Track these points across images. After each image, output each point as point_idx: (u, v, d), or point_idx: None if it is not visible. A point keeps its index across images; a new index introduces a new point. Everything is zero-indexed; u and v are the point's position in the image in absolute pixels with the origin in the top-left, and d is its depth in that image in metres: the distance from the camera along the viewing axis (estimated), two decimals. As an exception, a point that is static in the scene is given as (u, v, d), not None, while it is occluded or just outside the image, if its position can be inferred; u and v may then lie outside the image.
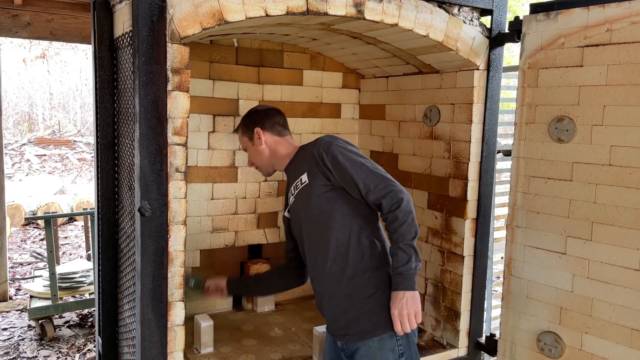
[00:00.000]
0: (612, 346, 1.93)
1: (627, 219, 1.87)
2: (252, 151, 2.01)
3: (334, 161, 1.75)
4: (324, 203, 1.77)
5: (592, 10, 1.94)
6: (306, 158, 1.85)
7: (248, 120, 2.03)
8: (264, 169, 2.04)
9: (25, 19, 3.73)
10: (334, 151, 1.76)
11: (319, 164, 1.77)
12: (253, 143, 2.00)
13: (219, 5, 1.78)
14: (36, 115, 17.25)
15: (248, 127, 2.01)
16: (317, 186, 1.78)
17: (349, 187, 1.75)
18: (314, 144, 1.85)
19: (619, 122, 1.88)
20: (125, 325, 2.16)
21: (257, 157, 2.01)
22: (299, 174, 1.87)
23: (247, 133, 2.01)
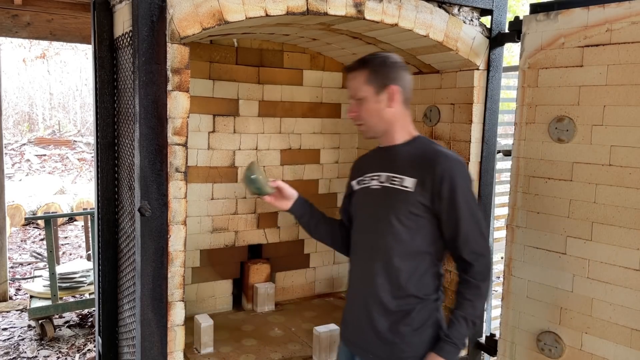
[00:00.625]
0: (612, 346, 1.93)
1: (627, 219, 1.87)
2: (370, 107, 1.61)
3: (451, 196, 1.53)
4: (412, 220, 1.57)
5: (592, 10, 1.94)
6: (417, 161, 1.59)
7: (386, 70, 1.61)
8: (369, 131, 1.67)
9: (25, 19, 3.73)
10: (456, 186, 1.53)
11: (434, 185, 1.54)
12: (378, 99, 1.60)
13: (219, 5, 1.78)
14: (36, 115, 17.25)
15: (383, 77, 1.60)
16: (417, 202, 1.56)
17: (446, 226, 1.57)
18: (436, 155, 1.58)
19: (619, 122, 1.88)
20: (125, 325, 2.16)
21: (371, 116, 1.62)
22: (401, 171, 1.60)
23: (375, 83, 1.59)
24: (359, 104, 1.62)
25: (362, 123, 1.65)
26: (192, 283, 2.84)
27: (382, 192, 1.63)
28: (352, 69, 1.64)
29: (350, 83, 1.64)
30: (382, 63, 1.62)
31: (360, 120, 1.65)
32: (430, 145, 1.65)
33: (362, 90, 1.61)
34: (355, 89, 1.62)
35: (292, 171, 3.07)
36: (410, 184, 1.57)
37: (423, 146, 1.65)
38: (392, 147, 1.67)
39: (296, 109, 3.03)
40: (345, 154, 3.24)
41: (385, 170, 1.65)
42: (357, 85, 1.61)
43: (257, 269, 2.98)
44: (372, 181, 1.68)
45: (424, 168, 1.56)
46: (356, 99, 1.63)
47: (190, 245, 2.73)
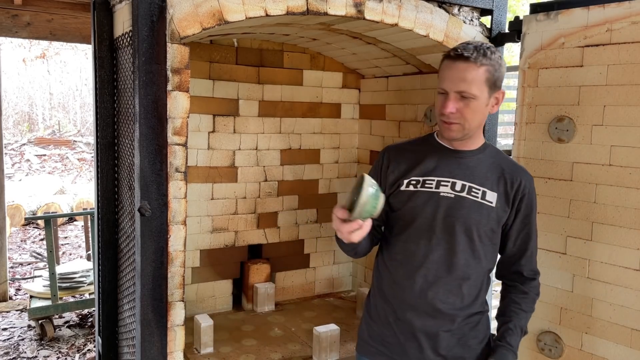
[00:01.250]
0: (612, 346, 1.93)
1: (627, 219, 1.87)
2: (480, 108, 1.44)
3: (528, 214, 1.51)
4: (490, 237, 1.50)
5: (592, 10, 1.94)
6: (498, 173, 1.50)
7: (502, 70, 1.46)
8: (461, 132, 1.46)
9: (25, 19, 3.73)
10: (533, 204, 1.52)
11: (515, 197, 1.49)
12: (487, 101, 1.45)
13: (219, 5, 1.78)
14: (36, 115, 17.25)
15: (499, 79, 1.46)
16: (497, 219, 1.48)
17: (514, 242, 1.54)
18: (517, 169, 1.54)
19: (619, 122, 1.88)
20: (125, 325, 2.16)
21: (475, 118, 1.45)
22: (480, 182, 1.48)
23: (491, 83, 1.44)
24: (465, 100, 1.41)
25: (460, 122, 1.43)
26: (192, 283, 2.84)
27: (458, 202, 1.46)
28: (468, 60, 1.40)
29: (459, 74, 1.40)
30: (500, 61, 1.45)
31: (460, 119, 1.43)
32: (506, 156, 1.56)
33: (477, 88, 1.41)
34: (469, 85, 1.40)
35: (292, 171, 3.07)
36: (493, 198, 1.47)
37: (499, 156, 1.55)
38: (467, 153, 1.52)
39: (296, 109, 3.03)
40: (345, 154, 3.24)
41: (461, 177, 1.49)
42: (473, 81, 1.40)
43: (257, 269, 2.98)
44: (441, 187, 1.48)
45: (505, 182, 1.49)
46: (463, 95, 1.41)
47: (190, 245, 2.73)
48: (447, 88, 1.42)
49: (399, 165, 1.56)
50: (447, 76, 1.43)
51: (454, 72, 1.41)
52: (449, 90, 1.42)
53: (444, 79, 1.44)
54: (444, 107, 1.43)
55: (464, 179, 1.49)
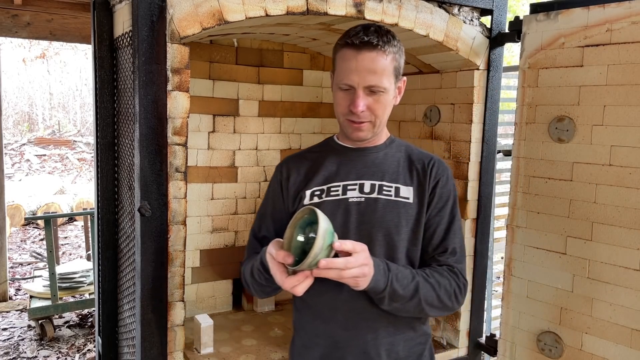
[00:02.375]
0: (612, 346, 1.93)
1: (627, 219, 1.87)
2: (388, 101, 1.29)
3: (442, 202, 1.33)
4: (413, 237, 1.32)
5: (592, 10, 1.94)
6: (403, 163, 1.36)
7: (402, 53, 1.31)
8: (374, 128, 1.31)
9: (25, 18, 3.73)
10: (452, 193, 1.35)
11: (428, 186, 1.32)
12: (394, 92, 1.31)
13: (218, 5, 1.78)
14: (36, 115, 17.24)
15: (401, 64, 1.30)
16: (416, 215, 1.31)
17: (429, 233, 1.33)
18: (429, 158, 1.37)
19: (619, 122, 1.88)
20: (125, 326, 2.16)
21: (385, 113, 1.31)
22: (387, 176, 1.33)
23: (396, 71, 1.29)
24: (375, 96, 1.25)
25: (370, 120, 1.28)
26: (192, 283, 2.83)
27: (370, 205, 1.29)
28: (375, 48, 1.21)
29: (367, 66, 1.21)
30: (401, 46, 1.29)
31: (370, 116, 1.27)
32: (415, 147, 1.43)
33: (387, 80, 1.24)
34: (379, 78, 1.22)
35: (292, 171, 3.07)
36: (409, 193, 1.31)
37: (408, 148, 1.41)
38: (371, 149, 1.37)
39: (296, 109, 3.03)
40: (345, 154, 3.23)
41: (369, 177, 1.33)
42: (383, 73, 1.22)
43: (257, 269, 2.98)
44: (349, 191, 1.31)
45: (418, 172, 1.34)
46: (373, 89, 1.24)
47: (190, 245, 2.73)
48: (353, 83, 1.22)
49: (299, 175, 1.38)
50: (351, 68, 1.21)
51: (360, 63, 1.21)
52: (357, 85, 1.22)
53: (347, 71, 1.22)
54: (353, 106, 1.24)
55: (373, 178, 1.32)
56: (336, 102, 1.30)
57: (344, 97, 1.27)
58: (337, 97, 1.29)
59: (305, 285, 1.11)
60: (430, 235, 1.33)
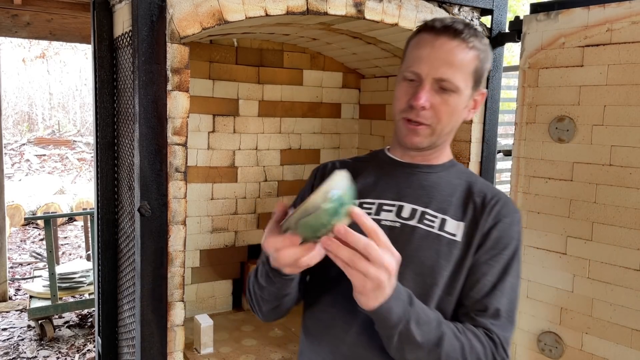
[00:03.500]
0: (613, 346, 1.93)
1: (627, 219, 1.87)
2: (460, 106, 1.04)
3: (499, 248, 1.02)
4: (454, 284, 1.02)
5: (592, 10, 1.94)
6: (458, 192, 1.08)
7: (489, 64, 1.09)
8: (432, 135, 1.05)
9: (25, 18, 3.73)
10: (514, 241, 1.03)
11: (485, 224, 1.03)
12: (467, 101, 1.06)
13: (218, 5, 1.78)
14: (36, 115, 17.24)
15: (484, 72, 1.07)
16: (462, 258, 1.02)
17: (471, 283, 1.01)
18: (490, 189, 1.09)
19: (619, 122, 1.88)
20: (125, 326, 2.16)
21: (451, 120, 1.05)
22: (441, 207, 1.06)
23: (478, 76, 1.05)
24: (443, 94, 1.01)
25: (430, 124, 1.03)
26: (192, 283, 2.83)
27: (406, 235, 1.03)
28: (458, 36, 1.00)
29: (444, 55, 0.99)
30: (489, 50, 1.07)
31: (432, 119, 1.02)
32: (480, 178, 1.15)
33: (462, 78, 1.01)
34: (454, 72, 0.99)
35: (292, 171, 3.07)
36: (457, 230, 1.03)
37: (471, 177, 1.12)
38: (423, 167, 1.10)
39: (296, 109, 3.03)
40: (346, 154, 3.24)
41: (412, 200, 1.07)
42: (460, 67, 1.00)
43: (257, 269, 2.97)
44: (383, 212, 1.07)
45: (475, 206, 1.05)
46: (444, 85, 1.00)
47: (190, 245, 2.73)
48: (421, 71, 1.00)
49: None
50: (423, 55, 1.00)
51: (436, 50, 1.00)
52: (425, 75, 1.00)
53: (418, 58, 1.01)
54: (414, 99, 1.00)
55: (416, 202, 1.06)
56: (395, 96, 1.05)
57: (406, 90, 1.03)
58: (397, 90, 1.05)
59: (292, 254, 0.83)
60: (471, 285, 1.01)
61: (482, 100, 1.10)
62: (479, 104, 1.10)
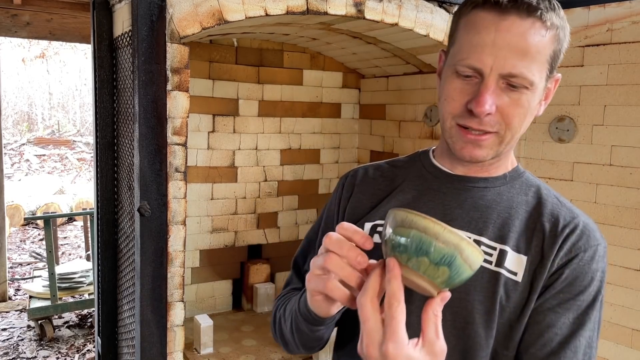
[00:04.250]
0: (613, 346, 1.92)
1: (627, 219, 1.87)
2: (532, 103, 0.77)
3: (576, 294, 0.77)
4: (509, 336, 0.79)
5: (592, 9, 1.94)
6: (522, 215, 0.83)
7: (567, 40, 0.81)
8: (500, 145, 0.79)
9: (25, 18, 3.73)
10: (596, 280, 0.78)
11: (561, 267, 0.78)
12: (542, 94, 0.80)
13: (218, 5, 1.77)
14: (35, 115, 17.24)
15: (560, 55, 0.80)
16: (522, 301, 0.78)
17: (534, 335, 0.78)
18: (565, 210, 0.84)
19: (619, 122, 1.88)
20: (125, 326, 2.16)
21: (523, 121, 0.78)
22: (491, 230, 0.81)
23: (553, 62, 0.78)
24: (514, 93, 0.75)
25: (498, 131, 0.77)
26: (192, 283, 2.83)
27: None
28: (534, 13, 0.73)
29: (515, 40, 0.72)
30: (564, 19, 0.79)
31: (499, 125, 0.76)
32: (554, 193, 0.88)
33: (538, 69, 0.75)
34: (528, 63, 0.73)
35: (292, 171, 3.07)
36: (519, 266, 0.79)
37: (541, 192, 0.87)
38: (479, 181, 0.85)
39: (296, 109, 3.03)
40: (345, 154, 3.23)
41: (461, 225, 0.82)
42: (536, 56, 0.74)
43: (257, 269, 2.97)
44: None
45: (544, 234, 0.80)
46: (514, 82, 0.74)
47: (189, 245, 2.73)
48: (483, 65, 0.73)
49: (364, 196, 0.92)
50: (486, 42, 0.73)
51: (502, 35, 0.72)
52: (489, 70, 0.73)
53: (477, 46, 0.74)
54: (477, 103, 0.73)
55: (468, 227, 0.82)
56: (445, 94, 0.79)
57: (461, 88, 0.76)
58: (448, 88, 0.78)
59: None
60: (532, 339, 0.77)
61: (555, 88, 0.83)
62: (552, 93, 0.83)
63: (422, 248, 0.59)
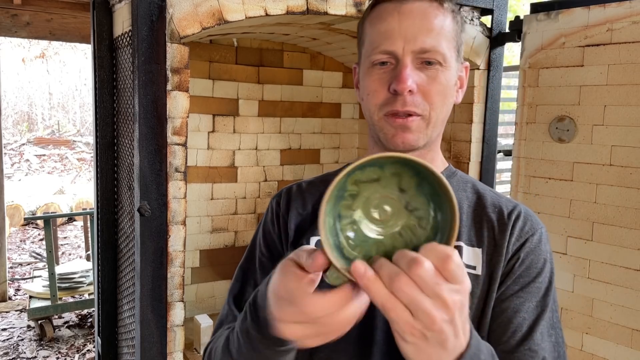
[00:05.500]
0: (613, 347, 1.92)
1: (628, 219, 1.87)
2: (449, 80, 0.79)
3: (533, 277, 0.78)
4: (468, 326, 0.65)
5: (592, 9, 1.94)
6: (467, 209, 0.84)
7: (463, 29, 0.86)
8: (427, 127, 0.79)
9: (25, 18, 3.73)
10: (547, 261, 0.80)
11: (515, 253, 0.79)
12: (455, 77, 0.82)
13: (218, 5, 1.77)
14: (35, 115, 17.24)
15: (462, 43, 0.84)
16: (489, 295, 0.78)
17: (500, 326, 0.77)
18: (504, 200, 0.85)
19: (619, 122, 1.88)
20: (125, 326, 2.16)
21: (444, 98, 0.79)
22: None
23: (458, 46, 0.82)
24: (430, 70, 0.77)
25: (422, 113, 0.77)
26: (192, 283, 2.83)
27: None
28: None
29: (420, 20, 0.76)
30: (461, 17, 0.85)
31: (422, 105, 0.77)
32: (487, 187, 0.89)
33: (445, 44, 0.77)
34: (436, 37, 0.76)
35: (292, 171, 3.07)
36: (476, 259, 0.80)
37: (477, 187, 0.88)
38: None
39: (296, 109, 3.03)
40: (345, 154, 3.23)
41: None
42: (441, 31, 0.77)
43: (257, 269, 2.98)
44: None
45: (492, 224, 0.82)
46: (428, 58, 0.76)
47: (189, 245, 2.73)
48: (396, 48, 0.76)
49: (304, 210, 0.89)
50: (392, 28, 0.76)
51: (406, 17, 0.76)
52: (401, 51, 0.76)
53: (385, 33, 0.77)
54: (397, 81, 0.74)
55: None
56: (367, 89, 0.80)
57: (380, 77, 0.77)
58: (368, 81, 0.79)
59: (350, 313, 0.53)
60: (502, 329, 0.77)
61: (467, 76, 0.87)
62: (465, 81, 0.86)
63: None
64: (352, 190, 0.54)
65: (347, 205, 0.55)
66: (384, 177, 0.54)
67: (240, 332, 0.67)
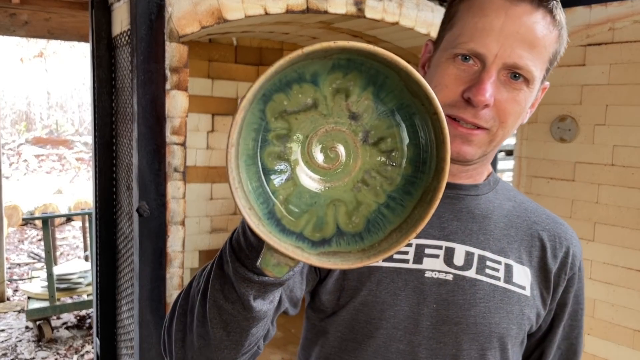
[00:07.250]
0: (614, 347, 1.92)
1: (629, 220, 1.86)
2: (527, 102, 0.70)
3: (576, 305, 0.79)
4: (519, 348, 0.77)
5: (594, 8, 1.93)
6: (514, 223, 0.77)
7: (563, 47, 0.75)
8: (489, 144, 0.71)
9: (23, 17, 3.71)
10: (583, 285, 0.81)
11: (560, 276, 0.76)
12: (539, 90, 0.73)
13: (218, 4, 1.76)
14: (34, 114, 17.22)
15: (557, 56, 0.74)
16: (537, 317, 0.76)
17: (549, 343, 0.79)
18: (549, 219, 0.80)
19: (621, 121, 1.87)
20: (124, 327, 2.14)
21: (516, 119, 0.71)
22: (493, 242, 0.74)
23: (550, 65, 0.72)
24: (513, 88, 0.68)
25: (490, 129, 0.69)
26: (191, 284, 2.82)
27: (464, 292, 0.71)
28: (545, 5, 0.69)
29: (525, 29, 0.66)
30: (565, 27, 0.75)
31: (493, 123, 0.69)
32: (526, 198, 0.84)
33: (540, 66, 0.69)
34: (535, 56, 0.67)
35: (291, 171, 3.06)
36: (525, 279, 0.74)
37: (518, 198, 0.81)
38: (469, 188, 0.77)
39: (295, 109, 3.02)
40: (345, 154, 3.23)
41: (462, 239, 0.74)
42: (541, 49, 0.68)
43: (257, 269, 2.97)
44: (427, 258, 0.72)
45: (543, 245, 0.76)
46: (517, 72, 0.67)
47: (189, 246, 2.72)
48: (488, 52, 0.66)
49: None
50: (493, 27, 0.66)
51: (512, 23, 0.66)
52: (492, 58, 0.66)
53: (482, 31, 0.67)
54: (476, 91, 0.65)
55: (469, 241, 0.73)
56: (437, 81, 0.70)
57: (457, 75, 0.68)
58: (441, 74, 0.70)
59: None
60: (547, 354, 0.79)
61: (542, 97, 0.76)
62: (538, 102, 0.76)
63: None
64: (278, 128, 0.37)
65: (274, 153, 0.37)
66: (323, 98, 0.37)
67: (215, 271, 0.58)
